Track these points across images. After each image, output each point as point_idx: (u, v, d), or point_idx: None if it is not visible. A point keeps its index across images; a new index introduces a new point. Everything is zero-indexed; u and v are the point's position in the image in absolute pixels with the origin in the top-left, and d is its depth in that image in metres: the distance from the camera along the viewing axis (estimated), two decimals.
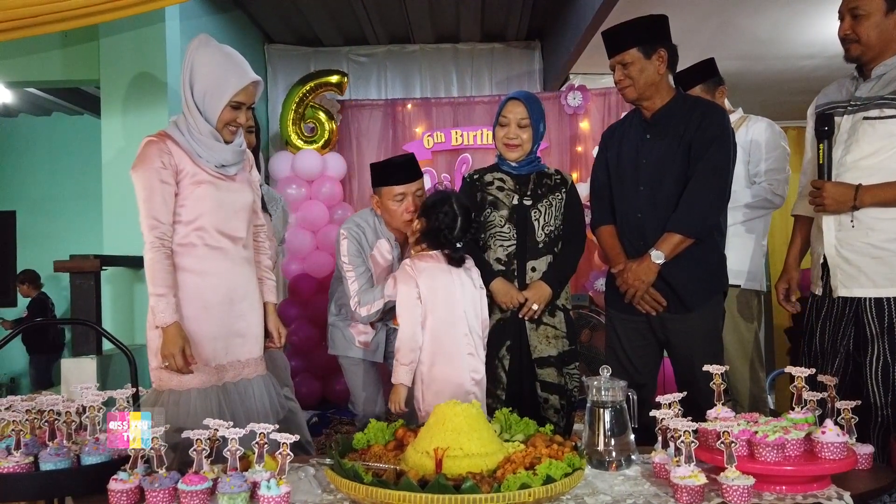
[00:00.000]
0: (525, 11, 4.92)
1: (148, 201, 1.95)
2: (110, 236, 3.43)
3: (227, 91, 2.00)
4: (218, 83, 1.99)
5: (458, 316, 2.24)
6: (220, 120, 2.02)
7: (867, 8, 2.03)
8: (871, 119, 2.04)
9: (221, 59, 2.02)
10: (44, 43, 3.57)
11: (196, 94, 2.00)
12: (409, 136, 4.70)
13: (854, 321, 2.10)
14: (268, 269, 2.28)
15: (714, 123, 2.23)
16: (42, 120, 6.71)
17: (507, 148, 2.45)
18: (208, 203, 2.01)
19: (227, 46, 2.08)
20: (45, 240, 6.50)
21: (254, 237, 2.23)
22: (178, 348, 1.91)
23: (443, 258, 2.26)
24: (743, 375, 2.94)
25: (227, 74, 2.01)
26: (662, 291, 2.25)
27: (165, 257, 1.96)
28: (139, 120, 3.41)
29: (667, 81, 2.31)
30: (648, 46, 2.24)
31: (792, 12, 3.90)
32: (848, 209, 2.05)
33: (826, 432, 1.55)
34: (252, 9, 4.78)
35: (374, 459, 1.66)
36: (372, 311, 2.46)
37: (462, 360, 2.23)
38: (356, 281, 2.47)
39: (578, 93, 4.48)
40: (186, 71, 2.01)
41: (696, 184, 2.20)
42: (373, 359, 2.60)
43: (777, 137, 2.99)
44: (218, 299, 2.04)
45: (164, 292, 1.93)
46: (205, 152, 2.02)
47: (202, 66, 2.00)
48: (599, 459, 1.75)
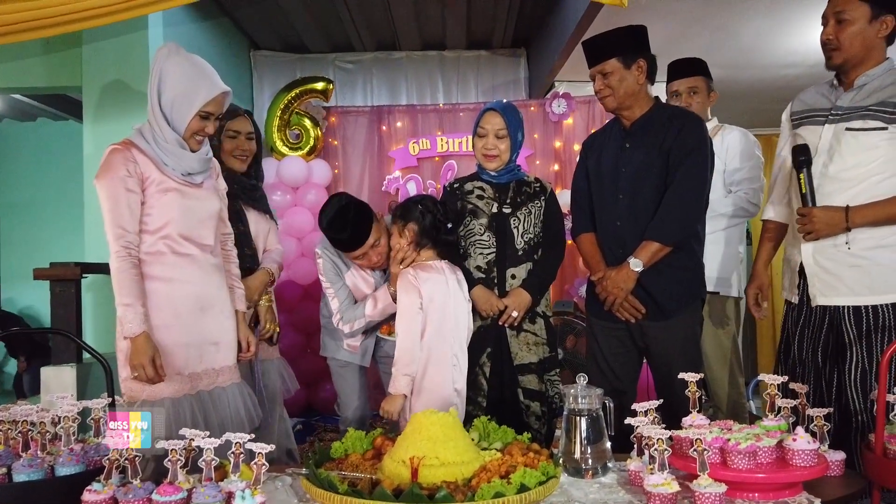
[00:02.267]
0: (511, 19, 4.95)
1: (113, 210, 1.94)
2: (92, 243, 3.41)
3: (197, 101, 1.99)
4: (187, 93, 1.98)
5: (450, 327, 2.25)
6: (187, 129, 2.01)
7: (853, 14, 2.02)
8: (854, 130, 2.03)
9: (191, 69, 2.01)
10: (26, 49, 3.55)
11: (164, 102, 1.99)
12: (394, 143, 4.71)
13: (832, 329, 2.11)
14: (237, 278, 2.28)
15: (692, 133, 2.26)
16: (26, 125, 6.67)
17: (486, 158, 2.47)
18: (175, 211, 2.00)
19: (196, 56, 2.07)
20: (29, 245, 6.44)
21: (221, 245, 2.22)
22: (148, 358, 1.90)
23: (445, 268, 2.29)
24: (722, 381, 2.97)
25: (197, 84, 2.00)
26: (641, 299, 2.27)
27: (132, 266, 1.95)
28: (121, 126, 3.35)
29: (646, 91, 2.33)
30: (628, 56, 2.26)
31: (775, 22, 3.95)
32: (840, 231, 2.04)
33: (797, 439, 1.57)
34: (238, 15, 4.78)
35: (351, 468, 1.66)
36: (355, 329, 2.47)
37: (450, 370, 2.24)
38: (336, 298, 2.49)
39: (563, 100, 4.50)
40: (154, 78, 2.00)
41: (674, 192, 2.22)
42: (360, 362, 2.62)
43: (751, 146, 3.03)
44: (189, 307, 2.03)
45: (130, 302, 1.92)
46: (171, 160, 2.00)
47: (171, 74, 1.99)
48: (576, 467, 1.75)
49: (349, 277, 2.52)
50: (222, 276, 2.16)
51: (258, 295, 2.51)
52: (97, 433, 1.77)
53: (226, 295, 2.16)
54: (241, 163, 2.55)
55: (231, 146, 2.52)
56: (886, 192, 2.01)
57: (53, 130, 6.64)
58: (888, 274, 2.03)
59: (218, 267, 2.14)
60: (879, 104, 2.01)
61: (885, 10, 2.02)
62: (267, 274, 2.54)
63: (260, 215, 2.61)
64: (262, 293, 2.54)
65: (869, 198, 2.02)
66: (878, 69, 2.06)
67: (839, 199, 2.05)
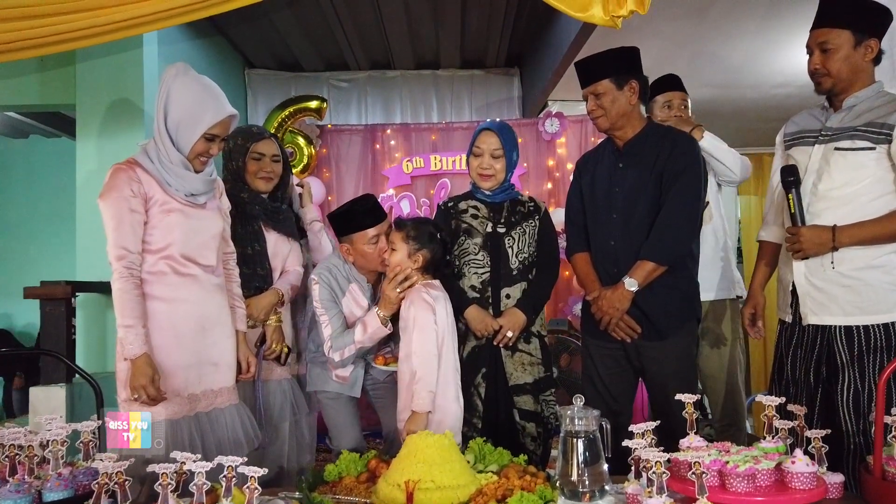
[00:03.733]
0: (504, 39, 4.99)
1: (116, 230, 1.93)
2: (84, 261, 3.38)
3: (203, 123, 1.99)
4: (193, 114, 1.98)
5: (452, 347, 2.25)
6: (192, 150, 2.01)
7: (836, 42, 2.05)
8: (843, 150, 2.06)
9: (199, 90, 2.01)
10: (20, 67, 3.54)
11: (170, 122, 1.99)
12: (388, 161, 4.71)
13: (825, 349, 2.11)
14: (238, 297, 2.27)
15: (684, 153, 2.27)
16: (19, 142, 6.65)
17: (481, 178, 2.47)
18: (178, 231, 2.00)
19: (205, 77, 2.07)
20: (20, 263, 6.40)
21: (224, 264, 2.21)
22: (148, 379, 1.88)
23: (442, 287, 2.28)
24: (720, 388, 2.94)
25: (204, 106, 2.00)
26: (637, 318, 2.26)
27: (134, 287, 1.93)
28: (115, 144, 3.38)
29: (638, 111, 2.35)
30: (621, 77, 2.28)
31: (764, 42, 4.00)
32: (828, 250, 2.05)
33: (796, 462, 1.56)
34: (232, 34, 4.79)
35: (345, 492, 1.64)
36: (345, 357, 2.41)
37: (455, 388, 2.23)
38: (329, 325, 2.43)
39: (556, 119, 4.53)
40: (161, 98, 2.00)
41: (668, 212, 2.23)
42: (350, 393, 2.57)
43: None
44: (190, 327, 2.02)
45: (132, 323, 1.91)
46: (175, 181, 2.00)
47: (178, 95, 1.99)
48: (573, 490, 1.73)
49: (345, 303, 2.48)
50: (224, 296, 2.15)
51: (265, 314, 2.48)
52: (86, 457, 1.74)
53: (227, 315, 2.14)
54: (266, 182, 2.53)
55: (255, 167, 2.51)
56: (875, 211, 2.03)
57: (46, 148, 6.62)
58: (878, 294, 2.04)
59: (220, 286, 2.13)
60: (867, 125, 2.04)
61: (867, 35, 2.05)
62: (276, 294, 2.50)
63: (281, 237, 2.58)
64: (270, 313, 2.51)
65: (858, 217, 2.04)
66: (867, 91, 2.09)
67: (829, 218, 2.07)
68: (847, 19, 2.04)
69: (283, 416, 2.61)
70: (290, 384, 2.65)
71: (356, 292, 2.47)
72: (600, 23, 2.41)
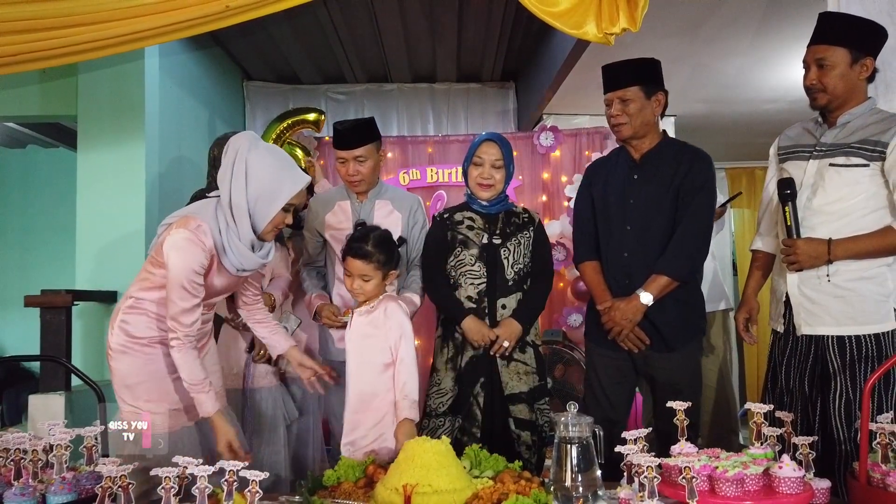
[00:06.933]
0: (500, 53, 5.06)
1: (183, 302, 1.93)
2: (83, 270, 3.41)
3: (283, 196, 1.97)
4: (272, 188, 1.96)
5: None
6: (270, 222, 2.00)
7: (833, 59, 2.08)
8: (837, 166, 2.09)
9: (275, 163, 1.99)
10: (22, 78, 3.57)
11: (250, 196, 1.96)
12: (385, 173, 4.75)
13: (818, 358, 2.14)
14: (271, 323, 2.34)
15: (701, 171, 2.31)
16: (16, 152, 6.66)
17: (481, 188, 2.50)
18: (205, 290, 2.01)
19: (275, 146, 2.11)
20: (19, 272, 6.40)
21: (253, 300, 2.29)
22: (234, 435, 1.97)
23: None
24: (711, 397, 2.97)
25: (283, 178, 1.98)
26: (646, 330, 2.29)
27: (193, 348, 1.98)
28: (116, 155, 3.42)
29: (658, 124, 2.38)
30: (650, 87, 2.31)
31: (756, 58, 4.06)
32: (823, 263, 2.08)
33: (783, 467, 1.59)
34: (231, 46, 4.85)
35: (343, 497, 1.67)
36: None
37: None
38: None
39: (550, 133, 4.58)
40: (239, 173, 1.95)
41: (685, 229, 2.27)
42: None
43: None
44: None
45: (206, 388, 1.97)
46: (235, 259, 2.00)
47: (258, 169, 1.95)
48: (566, 495, 1.76)
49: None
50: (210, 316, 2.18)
51: None
52: (89, 461, 1.76)
53: (212, 340, 2.22)
54: None
55: None
56: (869, 226, 2.07)
57: (44, 157, 6.64)
58: (870, 305, 2.07)
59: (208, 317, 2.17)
60: (861, 142, 2.07)
61: (863, 53, 2.09)
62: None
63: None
64: None
65: (852, 231, 2.07)
66: (861, 108, 2.12)
67: (823, 231, 2.11)
68: (845, 37, 2.08)
69: (275, 424, 2.64)
70: (281, 391, 2.69)
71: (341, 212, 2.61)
72: (594, 40, 2.46)
